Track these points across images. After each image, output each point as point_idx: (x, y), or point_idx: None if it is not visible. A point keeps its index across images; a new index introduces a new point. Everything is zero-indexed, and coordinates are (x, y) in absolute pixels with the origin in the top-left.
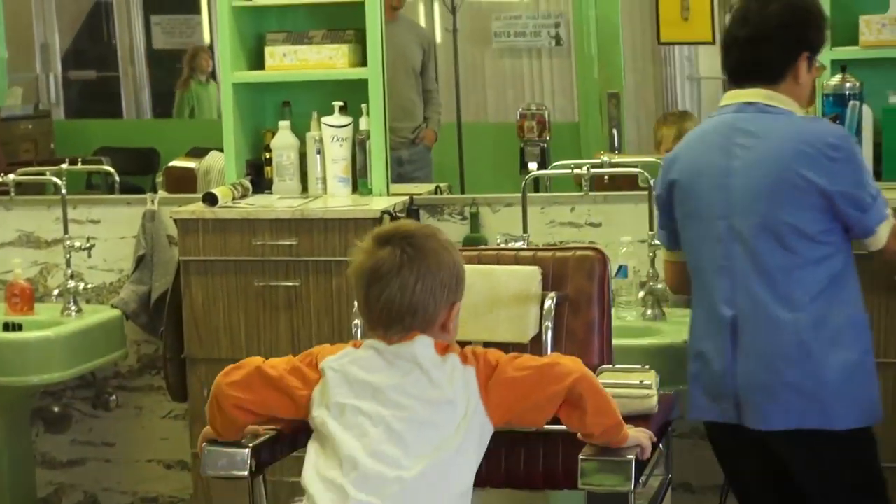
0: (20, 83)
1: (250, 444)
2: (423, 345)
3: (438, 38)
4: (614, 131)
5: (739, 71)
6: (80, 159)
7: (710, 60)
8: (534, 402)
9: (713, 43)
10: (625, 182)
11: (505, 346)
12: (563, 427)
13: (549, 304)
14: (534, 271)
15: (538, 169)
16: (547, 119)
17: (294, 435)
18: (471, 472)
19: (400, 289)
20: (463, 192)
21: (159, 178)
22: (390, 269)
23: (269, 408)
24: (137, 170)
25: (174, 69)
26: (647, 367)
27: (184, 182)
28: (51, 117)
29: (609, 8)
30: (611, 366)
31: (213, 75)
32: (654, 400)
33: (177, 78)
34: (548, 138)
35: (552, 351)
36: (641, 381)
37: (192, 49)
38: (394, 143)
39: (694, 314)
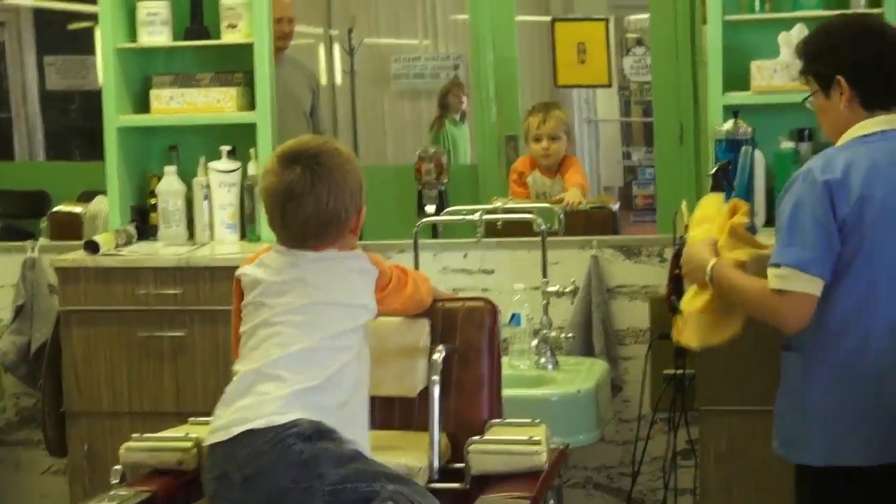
0: None
1: None
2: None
3: (338, 80)
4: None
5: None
6: None
7: (607, 103)
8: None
9: (609, 85)
10: (518, 228)
11: (391, 402)
12: None
13: (437, 357)
14: (422, 323)
15: (436, 212)
16: (444, 162)
17: (169, 498)
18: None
19: (315, 206)
20: (360, 236)
21: (43, 224)
22: (303, 189)
23: None
24: (26, 213)
25: (68, 110)
26: (537, 420)
27: (70, 228)
28: None
29: (507, 51)
30: (500, 420)
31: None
32: (544, 456)
33: (70, 120)
34: (445, 181)
35: (439, 406)
36: (530, 437)
37: (445, 87)
38: None
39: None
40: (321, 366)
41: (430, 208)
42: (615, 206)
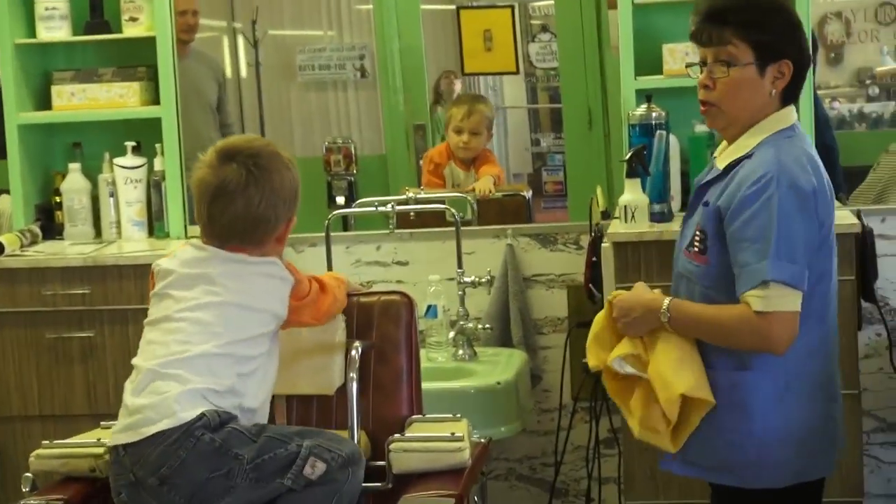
0: None
1: None
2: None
3: (243, 72)
4: (421, 163)
5: None
6: None
7: (514, 90)
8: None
9: (517, 73)
10: (431, 218)
11: (308, 400)
12: None
13: (353, 353)
14: (337, 319)
15: (346, 203)
16: (353, 152)
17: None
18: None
19: (245, 206)
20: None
21: None
22: (236, 187)
23: None
24: None
25: None
26: (458, 415)
27: None
28: None
29: (412, 40)
30: (421, 416)
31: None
32: (467, 453)
33: None
34: (355, 171)
35: (357, 403)
36: (452, 434)
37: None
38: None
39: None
40: (224, 374)
41: (341, 200)
42: (528, 194)
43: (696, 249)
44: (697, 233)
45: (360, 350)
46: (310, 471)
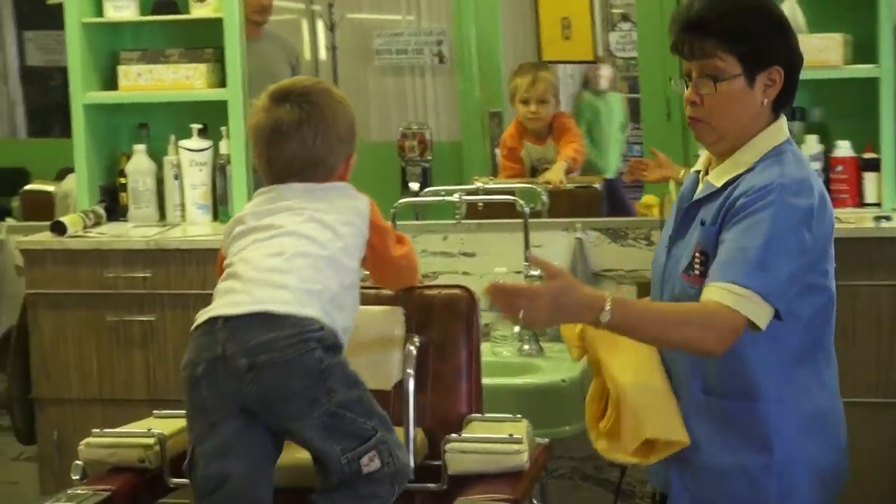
0: None
1: None
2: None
3: (322, 55)
4: (496, 151)
5: None
6: None
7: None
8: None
9: (594, 62)
10: (501, 208)
11: None
12: None
13: (411, 348)
14: (396, 312)
15: (420, 189)
16: (428, 138)
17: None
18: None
19: (300, 144)
20: None
21: (15, 203)
22: (289, 126)
23: None
24: (4, 191)
25: (48, 86)
26: (518, 416)
27: (42, 207)
28: None
29: (489, 26)
30: (479, 415)
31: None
32: (525, 455)
33: (50, 96)
34: (429, 158)
35: (414, 400)
36: (511, 435)
37: None
38: None
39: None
40: (331, 279)
41: (414, 186)
42: (600, 186)
43: (696, 272)
44: (697, 255)
45: (417, 345)
46: (367, 462)
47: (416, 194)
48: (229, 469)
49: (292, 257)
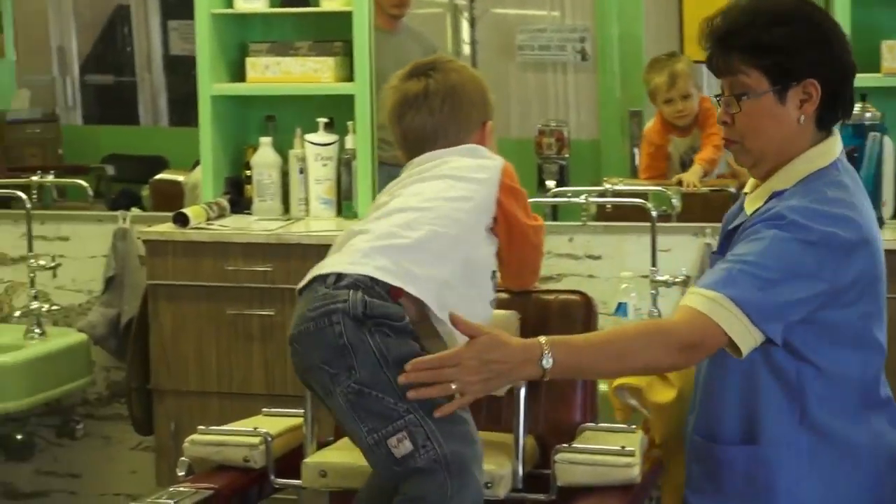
0: (34, 86)
1: None
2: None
3: (466, 50)
4: (635, 150)
5: None
6: (49, 172)
7: None
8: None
9: None
10: (632, 210)
11: (478, 399)
12: None
13: None
14: (510, 316)
15: (556, 187)
16: (566, 136)
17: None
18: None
19: (429, 112)
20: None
21: (145, 193)
22: (417, 96)
23: None
24: (143, 178)
25: (189, 76)
26: (633, 427)
27: (171, 196)
28: (58, 122)
29: (633, 24)
30: (593, 424)
31: None
32: (637, 469)
33: (192, 86)
34: (567, 156)
35: (525, 406)
36: (623, 448)
37: None
38: (393, 159)
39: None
40: (414, 226)
41: (551, 184)
42: (734, 189)
43: None
44: None
45: None
46: (395, 444)
47: (550, 194)
48: None
49: (389, 213)
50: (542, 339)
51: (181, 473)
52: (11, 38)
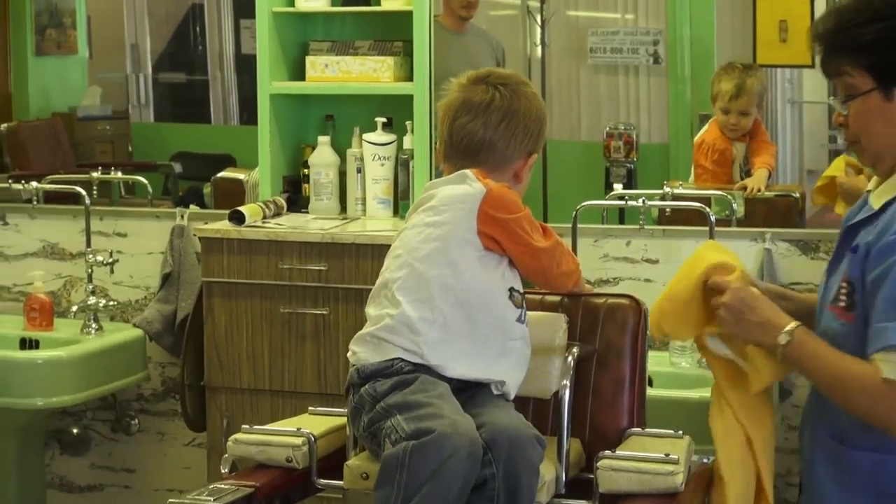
0: (107, 83)
1: None
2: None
3: (537, 52)
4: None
5: None
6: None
7: (813, 84)
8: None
9: (812, 66)
10: (694, 214)
11: (525, 402)
12: None
13: (569, 358)
14: (557, 319)
15: (624, 190)
16: (635, 139)
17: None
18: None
19: (484, 124)
20: (545, 214)
21: (206, 190)
22: (480, 103)
23: None
24: (211, 177)
25: None
26: (680, 433)
27: (232, 194)
28: (128, 119)
29: (704, 28)
30: (640, 430)
31: None
32: (680, 477)
33: None
34: (635, 159)
35: (570, 410)
36: (667, 455)
37: None
38: None
39: None
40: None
41: (618, 187)
42: (798, 194)
43: (841, 304)
44: (844, 284)
45: (575, 355)
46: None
47: (609, 197)
48: None
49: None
50: (793, 322)
51: (225, 471)
52: (85, 36)
